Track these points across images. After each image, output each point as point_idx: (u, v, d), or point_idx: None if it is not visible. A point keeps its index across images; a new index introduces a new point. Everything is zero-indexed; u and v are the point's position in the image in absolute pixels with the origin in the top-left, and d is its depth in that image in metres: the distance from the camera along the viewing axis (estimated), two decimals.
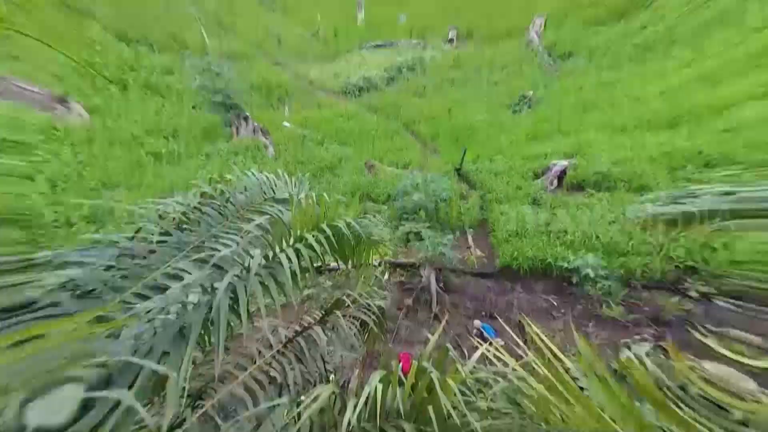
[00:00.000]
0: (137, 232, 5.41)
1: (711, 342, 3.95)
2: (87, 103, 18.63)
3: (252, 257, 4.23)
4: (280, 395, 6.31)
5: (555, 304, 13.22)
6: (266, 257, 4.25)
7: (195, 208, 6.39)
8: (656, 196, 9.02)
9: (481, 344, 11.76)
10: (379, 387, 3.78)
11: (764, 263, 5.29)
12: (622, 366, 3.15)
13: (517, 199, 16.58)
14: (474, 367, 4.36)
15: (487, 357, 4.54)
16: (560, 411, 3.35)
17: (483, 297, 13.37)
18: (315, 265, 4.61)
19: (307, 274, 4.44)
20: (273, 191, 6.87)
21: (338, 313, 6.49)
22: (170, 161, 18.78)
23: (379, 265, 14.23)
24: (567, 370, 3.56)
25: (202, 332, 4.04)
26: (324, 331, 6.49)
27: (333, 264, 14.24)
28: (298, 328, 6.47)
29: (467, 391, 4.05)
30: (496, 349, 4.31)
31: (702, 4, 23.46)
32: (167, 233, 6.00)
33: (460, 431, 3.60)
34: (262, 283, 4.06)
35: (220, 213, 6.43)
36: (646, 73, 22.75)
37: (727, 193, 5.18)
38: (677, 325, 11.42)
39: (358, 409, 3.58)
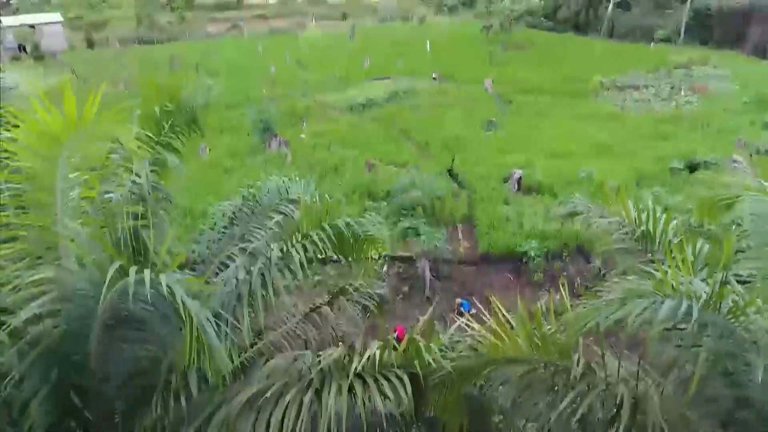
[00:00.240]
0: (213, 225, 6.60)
1: None
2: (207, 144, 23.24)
3: (272, 250, 4.88)
4: (306, 348, 7.09)
5: (511, 278, 14.16)
6: (282, 250, 4.89)
7: (239, 208, 7.14)
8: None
9: (459, 318, 12.65)
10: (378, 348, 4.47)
11: None
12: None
13: (493, 198, 17.49)
14: (452, 333, 5.21)
15: (462, 326, 5.46)
16: (500, 348, 4.18)
17: (466, 281, 14.18)
18: (320, 256, 5.26)
19: (312, 264, 5.12)
20: (287, 192, 7.52)
21: (343, 298, 7.14)
22: (231, 173, 21.41)
23: (379, 258, 14.75)
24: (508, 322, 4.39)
25: (250, 298, 4.78)
26: (332, 310, 7.24)
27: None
28: (311, 305, 7.19)
29: (445, 348, 4.78)
30: (468, 319, 5.12)
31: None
32: (225, 227, 6.90)
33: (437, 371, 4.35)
34: (280, 270, 4.71)
35: (252, 211, 7.17)
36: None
37: None
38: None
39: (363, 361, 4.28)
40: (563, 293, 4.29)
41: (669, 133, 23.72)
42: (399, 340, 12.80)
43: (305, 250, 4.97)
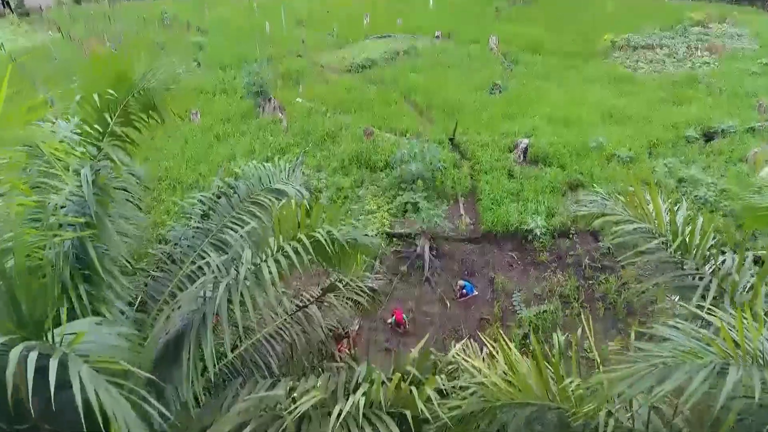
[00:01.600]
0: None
1: None
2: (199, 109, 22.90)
3: (242, 264, 4.14)
4: (291, 351, 6.44)
5: (515, 257, 13.56)
6: (253, 264, 4.16)
7: (213, 200, 6.34)
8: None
9: (462, 297, 12.14)
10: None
11: None
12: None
13: (497, 170, 16.61)
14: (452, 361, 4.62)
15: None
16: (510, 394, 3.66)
17: (467, 259, 13.54)
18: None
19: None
20: (269, 180, 6.72)
21: (332, 295, 6.45)
22: (223, 140, 20.65)
23: (377, 235, 14.02)
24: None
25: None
26: (320, 308, 6.54)
27: None
28: (298, 304, 6.49)
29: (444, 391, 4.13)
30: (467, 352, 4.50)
31: None
32: (202, 216, 6.18)
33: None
34: (249, 288, 4.00)
35: (229, 203, 6.38)
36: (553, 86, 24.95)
37: None
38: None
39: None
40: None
41: (684, 97, 22.44)
42: (398, 323, 12.02)
43: (279, 264, 4.24)
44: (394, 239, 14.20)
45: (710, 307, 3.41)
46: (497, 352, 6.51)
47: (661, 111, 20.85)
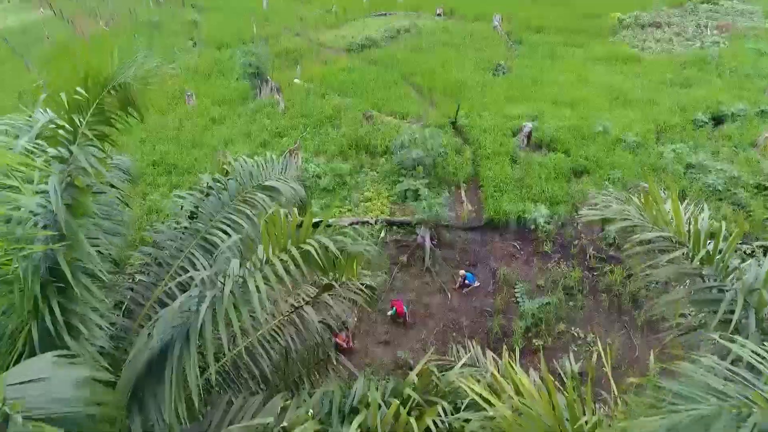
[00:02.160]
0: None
1: None
2: (194, 90, 22.49)
3: (229, 276, 3.83)
4: (286, 353, 6.16)
5: (518, 247, 13.24)
6: (240, 277, 3.85)
7: (201, 198, 6.00)
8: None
9: (463, 287, 11.88)
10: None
11: None
12: None
13: (500, 155, 16.14)
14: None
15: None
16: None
17: (469, 249, 13.24)
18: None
19: None
20: (260, 175, 6.37)
21: (328, 295, 6.15)
22: (219, 123, 20.18)
23: (376, 223, 13.68)
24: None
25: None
26: (315, 307, 6.24)
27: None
28: (293, 304, 6.21)
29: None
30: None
31: None
32: (190, 216, 5.86)
33: None
34: (236, 305, 3.69)
35: (219, 202, 6.04)
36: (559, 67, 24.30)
37: None
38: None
39: None
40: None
41: (692, 78, 21.82)
42: (399, 315, 11.69)
43: (266, 279, 3.91)
44: (394, 227, 13.87)
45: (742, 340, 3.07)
46: (500, 367, 6.22)
47: (669, 93, 20.28)
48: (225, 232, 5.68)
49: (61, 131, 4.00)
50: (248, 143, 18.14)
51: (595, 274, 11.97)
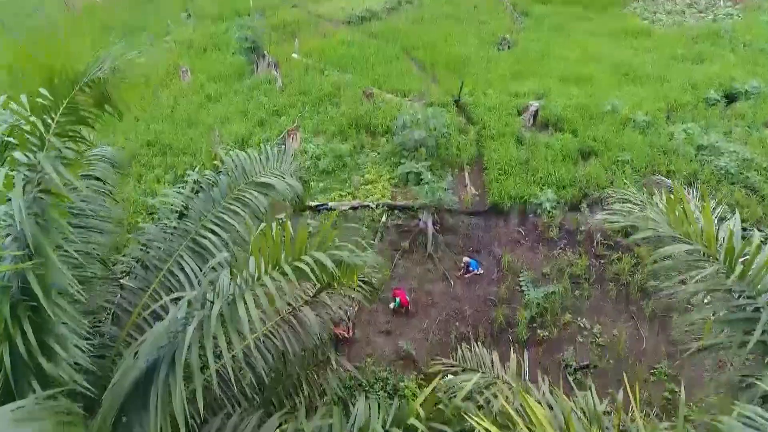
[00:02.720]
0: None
1: None
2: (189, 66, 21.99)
3: (217, 297, 3.49)
4: (283, 356, 5.87)
5: (523, 233, 12.93)
6: (230, 296, 3.51)
7: (189, 196, 5.62)
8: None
9: (467, 274, 11.61)
10: None
11: None
12: None
13: (505, 135, 15.61)
14: None
15: None
16: None
17: (472, 234, 12.89)
18: None
19: None
20: (254, 169, 5.97)
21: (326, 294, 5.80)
22: (215, 100, 19.57)
23: (377, 207, 13.29)
24: None
25: None
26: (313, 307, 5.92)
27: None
28: (290, 302, 5.88)
29: None
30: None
31: None
32: (179, 216, 5.53)
33: None
34: (225, 325, 3.37)
35: (210, 199, 5.67)
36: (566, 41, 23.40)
37: None
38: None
39: None
40: None
41: (705, 53, 21.03)
42: (402, 305, 11.33)
43: (257, 300, 3.57)
44: (396, 212, 13.49)
45: None
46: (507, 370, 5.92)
47: (680, 69, 19.57)
48: (215, 233, 5.33)
49: (29, 135, 3.61)
50: (245, 122, 17.60)
51: (602, 261, 11.65)
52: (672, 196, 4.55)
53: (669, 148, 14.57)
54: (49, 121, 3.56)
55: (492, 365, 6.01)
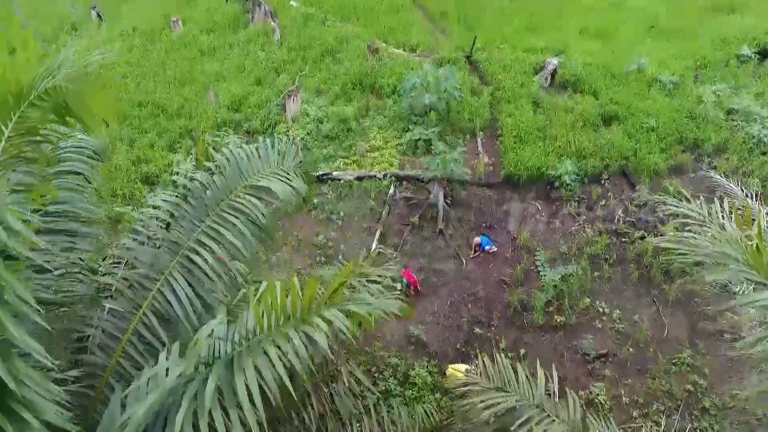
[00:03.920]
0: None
1: None
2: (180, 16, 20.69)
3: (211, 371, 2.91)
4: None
5: (539, 207, 12.27)
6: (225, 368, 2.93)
7: (177, 204, 4.93)
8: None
9: (480, 251, 11.05)
10: None
11: None
12: None
13: (521, 98, 14.54)
14: None
15: None
16: None
17: (485, 209, 12.18)
18: None
19: None
20: (251, 167, 5.27)
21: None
22: (209, 54, 18.36)
23: (384, 177, 12.53)
24: None
25: None
26: None
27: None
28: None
29: None
30: None
31: None
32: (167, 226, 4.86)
33: None
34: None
35: (203, 205, 4.98)
36: None
37: None
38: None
39: None
40: None
41: (736, 3, 19.49)
42: (411, 287, 10.72)
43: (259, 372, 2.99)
44: (404, 183, 12.76)
45: None
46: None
47: (711, 22, 18.17)
48: (208, 247, 4.69)
49: None
50: (241, 80, 16.51)
51: (623, 240, 11.03)
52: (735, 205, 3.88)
53: (697, 114, 13.60)
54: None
55: (517, 380, 5.56)
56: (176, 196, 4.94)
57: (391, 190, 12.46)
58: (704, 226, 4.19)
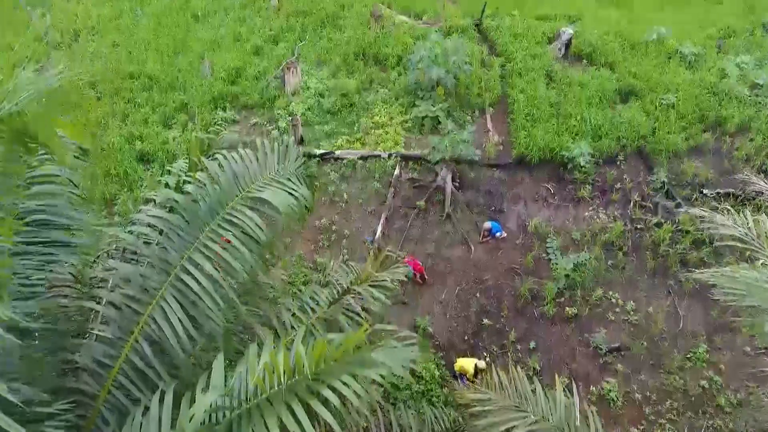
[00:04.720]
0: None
1: None
2: None
3: None
4: None
5: (551, 191, 11.78)
6: None
7: (165, 220, 4.47)
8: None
9: (489, 237, 10.64)
10: None
11: None
12: None
13: (534, 71, 13.76)
14: None
15: None
16: None
17: (495, 191, 11.65)
18: None
19: None
20: (247, 174, 4.80)
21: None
22: (203, 21, 17.31)
23: (389, 157, 11.96)
24: None
25: None
26: None
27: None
28: None
29: None
30: None
31: None
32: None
33: None
34: None
35: (196, 220, 4.53)
36: None
37: None
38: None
39: None
40: None
41: None
42: (417, 275, 10.27)
43: None
44: (410, 163, 12.20)
45: None
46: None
47: None
48: (201, 268, 4.26)
49: None
50: (237, 49, 15.66)
51: (638, 227, 10.59)
52: None
53: (719, 89, 12.88)
54: None
55: (535, 396, 5.23)
56: (168, 210, 4.47)
57: (397, 171, 11.93)
58: (758, 253, 3.74)
